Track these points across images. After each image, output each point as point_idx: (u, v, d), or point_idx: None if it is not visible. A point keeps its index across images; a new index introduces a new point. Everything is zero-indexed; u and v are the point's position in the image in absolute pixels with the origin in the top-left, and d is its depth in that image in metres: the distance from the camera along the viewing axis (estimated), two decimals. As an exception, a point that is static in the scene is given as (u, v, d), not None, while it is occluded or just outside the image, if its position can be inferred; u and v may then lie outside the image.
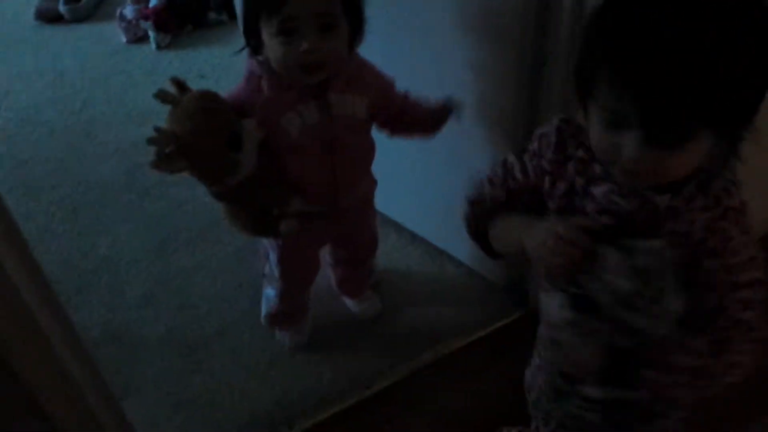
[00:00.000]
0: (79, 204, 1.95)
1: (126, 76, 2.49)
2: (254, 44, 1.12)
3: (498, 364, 1.49)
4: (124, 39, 2.67)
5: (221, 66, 2.47)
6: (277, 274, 1.40)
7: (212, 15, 2.75)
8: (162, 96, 1.06)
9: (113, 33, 2.70)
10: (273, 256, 1.38)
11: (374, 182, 1.37)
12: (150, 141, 1.02)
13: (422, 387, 1.47)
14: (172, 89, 1.08)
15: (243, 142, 1.09)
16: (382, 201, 1.71)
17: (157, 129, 1.04)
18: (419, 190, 1.63)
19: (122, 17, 2.68)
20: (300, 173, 1.20)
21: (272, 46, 1.06)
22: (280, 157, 1.18)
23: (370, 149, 1.29)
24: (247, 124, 1.11)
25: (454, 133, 1.40)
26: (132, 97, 2.36)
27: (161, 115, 2.33)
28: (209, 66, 2.48)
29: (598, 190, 0.82)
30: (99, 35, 2.73)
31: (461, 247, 1.67)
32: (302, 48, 1.04)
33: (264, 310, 1.54)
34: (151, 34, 2.62)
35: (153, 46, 2.62)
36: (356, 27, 1.12)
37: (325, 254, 1.54)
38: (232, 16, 2.65)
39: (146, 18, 2.64)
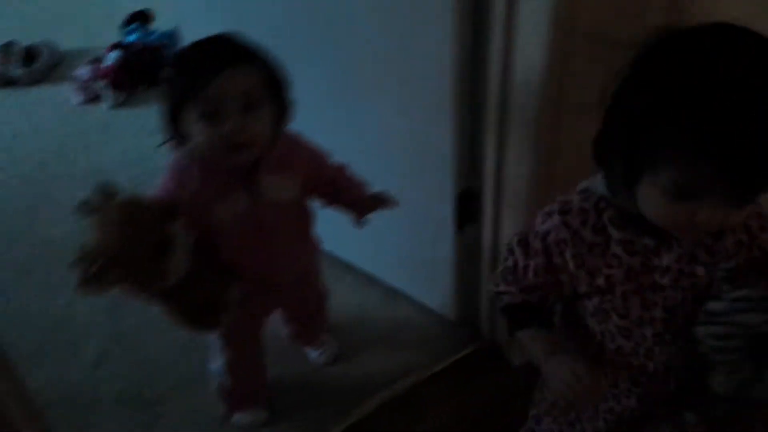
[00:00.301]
0: (33, 264, 1.94)
1: (81, 136, 2.51)
2: (178, 135, 1.08)
3: (456, 397, 1.50)
4: (78, 99, 2.69)
5: (176, 121, 2.49)
6: (219, 347, 1.36)
7: (166, 73, 2.79)
8: (85, 208, 1.02)
9: (68, 94, 2.72)
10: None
11: (316, 249, 1.36)
12: (76, 260, 0.96)
13: (382, 426, 1.47)
14: (97, 196, 1.04)
15: (174, 246, 1.04)
16: (336, 244, 1.74)
17: (82, 246, 0.98)
18: (372, 231, 1.65)
19: (77, 78, 2.70)
20: (235, 258, 1.17)
21: (196, 131, 1.03)
22: (214, 244, 1.14)
23: (306, 223, 1.27)
24: (177, 226, 1.05)
25: (404, 177, 1.44)
26: (87, 157, 2.38)
27: (115, 173, 2.35)
28: (164, 122, 2.50)
29: (666, 260, 0.81)
30: (54, 97, 2.75)
31: (414, 285, 1.70)
32: (226, 129, 1.01)
33: (214, 384, 1.46)
34: (105, 93, 2.65)
35: (107, 105, 2.65)
36: (282, 108, 1.10)
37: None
38: (186, 72, 2.69)
39: (101, 78, 2.67)
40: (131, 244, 1.00)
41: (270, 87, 1.06)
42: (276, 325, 1.53)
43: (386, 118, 1.42)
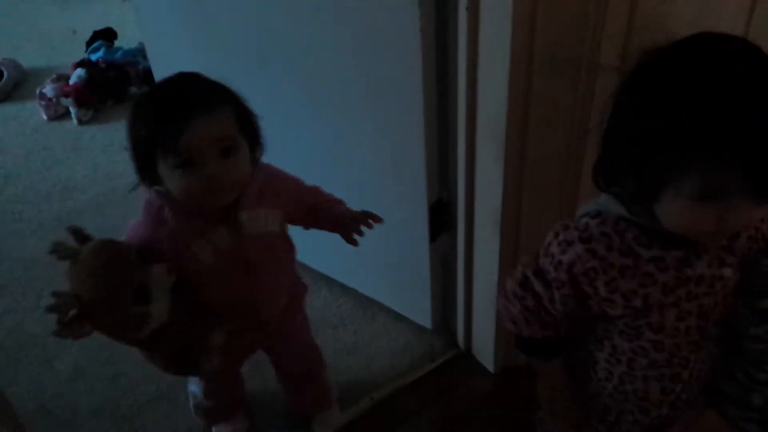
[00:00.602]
0: (4, 281, 1.92)
1: (48, 152, 2.50)
2: (150, 177, 1.02)
3: (434, 404, 1.54)
4: (44, 117, 2.68)
5: (145, 138, 2.49)
6: (201, 392, 1.33)
7: (133, 89, 2.80)
8: (58, 251, 0.96)
9: (33, 112, 2.71)
10: None
11: (302, 287, 1.34)
12: (50, 308, 0.92)
13: (361, 435, 1.50)
14: (69, 239, 0.99)
15: (152, 292, 0.99)
16: (312, 256, 1.76)
17: (56, 293, 0.93)
18: (346, 243, 1.69)
19: (42, 96, 2.69)
20: (217, 297, 1.12)
21: (172, 179, 0.98)
22: (194, 285, 1.09)
23: (288, 255, 1.23)
24: (155, 271, 1.00)
25: (378, 189, 1.48)
26: (55, 173, 2.38)
27: (85, 189, 2.34)
28: (132, 138, 2.50)
29: (699, 269, 0.82)
30: (19, 114, 2.74)
31: (390, 295, 1.73)
32: (206, 175, 0.96)
33: (191, 402, 1.45)
34: (72, 110, 2.64)
35: (74, 121, 2.64)
36: (254, 141, 1.06)
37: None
38: (154, 89, 2.70)
39: (66, 95, 2.66)
40: (106, 294, 0.96)
41: (242, 125, 1.02)
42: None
43: (360, 132, 1.46)
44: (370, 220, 1.21)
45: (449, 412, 1.52)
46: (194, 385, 1.40)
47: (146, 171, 1.01)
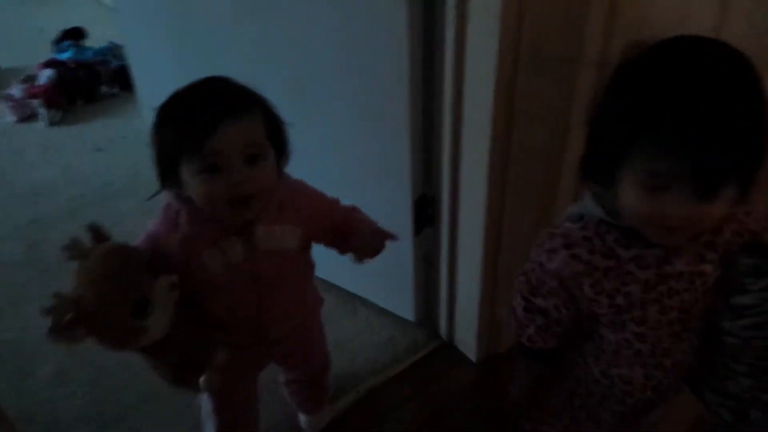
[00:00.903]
0: (-22, 288, 1.89)
1: (17, 155, 2.46)
2: (173, 181, 0.98)
3: (419, 396, 1.56)
4: (12, 119, 2.63)
5: (116, 137, 2.47)
6: (211, 408, 1.26)
7: (104, 88, 2.77)
8: (70, 249, 0.94)
9: (1, 114, 2.65)
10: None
11: (319, 301, 1.29)
12: (46, 311, 0.89)
13: (347, 429, 1.51)
14: (86, 237, 0.96)
15: (153, 306, 0.95)
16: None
17: (56, 295, 0.90)
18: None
19: (9, 97, 2.65)
20: (224, 311, 1.08)
21: (195, 185, 0.94)
22: (202, 295, 1.05)
23: (305, 275, 1.19)
24: (159, 284, 0.97)
25: (362, 184, 1.49)
26: (25, 176, 2.33)
27: (57, 191, 2.30)
28: (104, 138, 2.47)
29: (678, 266, 0.85)
30: (-16, 116, 2.68)
31: (371, 289, 1.75)
32: (230, 182, 0.92)
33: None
34: (41, 111, 2.60)
35: (44, 123, 2.60)
36: (281, 149, 1.02)
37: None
38: (124, 88, 2.67)
39: (34, 96, 2.62)
40: (107, 302, 0.93)
41: (270, 132, 0.99)
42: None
43: (345, 127, 1.47)
44: (384, 240, 1.13)
45: (433, 403, 1.54)
46: (211, 425, 1.31)
47: (168, 176, 0.97)
